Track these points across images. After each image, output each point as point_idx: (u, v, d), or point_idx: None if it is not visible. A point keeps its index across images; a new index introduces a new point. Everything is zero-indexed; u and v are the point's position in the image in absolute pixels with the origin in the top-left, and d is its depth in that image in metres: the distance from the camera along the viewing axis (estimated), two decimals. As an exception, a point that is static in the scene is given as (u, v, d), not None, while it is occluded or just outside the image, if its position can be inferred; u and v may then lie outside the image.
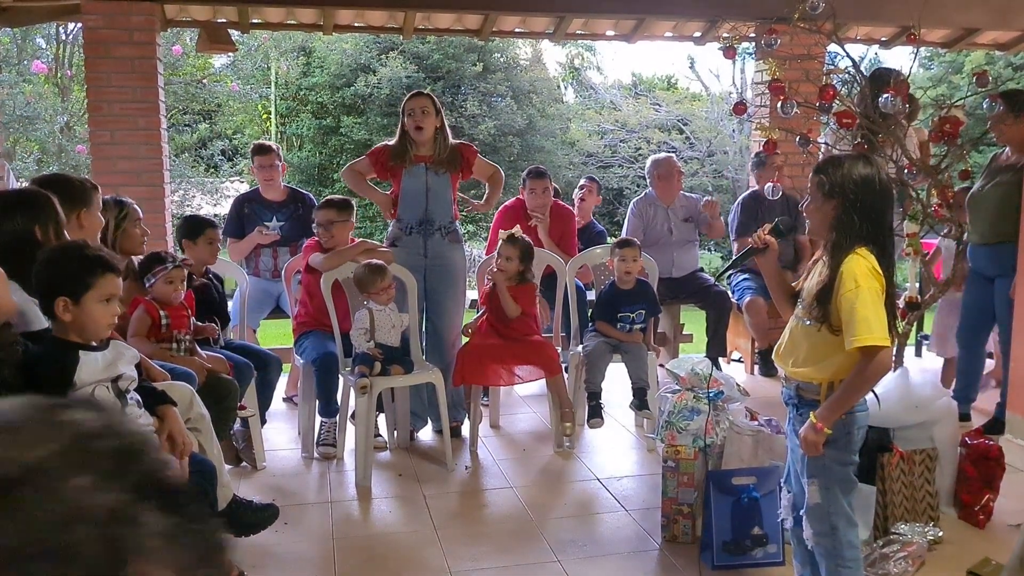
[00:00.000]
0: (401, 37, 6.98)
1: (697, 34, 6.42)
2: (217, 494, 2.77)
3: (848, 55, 3.92)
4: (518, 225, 4.47)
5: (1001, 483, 3.43)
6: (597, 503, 3.69)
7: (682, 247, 5.59)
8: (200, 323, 3.71)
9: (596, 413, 4.15)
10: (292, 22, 6.09)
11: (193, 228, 4.12)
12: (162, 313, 3.44)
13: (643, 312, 4.33)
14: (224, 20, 5.84)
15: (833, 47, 4.20)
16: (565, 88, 22.91)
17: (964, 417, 4.38)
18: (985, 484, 3.39)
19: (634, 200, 5.87)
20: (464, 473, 4.05)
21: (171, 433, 2.53)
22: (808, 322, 2.31)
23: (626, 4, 5.81)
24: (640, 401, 4.18)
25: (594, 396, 4.18)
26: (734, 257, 2.78)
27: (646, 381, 4.19)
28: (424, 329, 4.49)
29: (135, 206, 3.71)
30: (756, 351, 5.76)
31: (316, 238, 4.34)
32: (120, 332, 2.97)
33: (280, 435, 4.52)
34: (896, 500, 3.20)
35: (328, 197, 4.49)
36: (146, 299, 3.44)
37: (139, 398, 2.54)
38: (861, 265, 2.21)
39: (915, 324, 4.99)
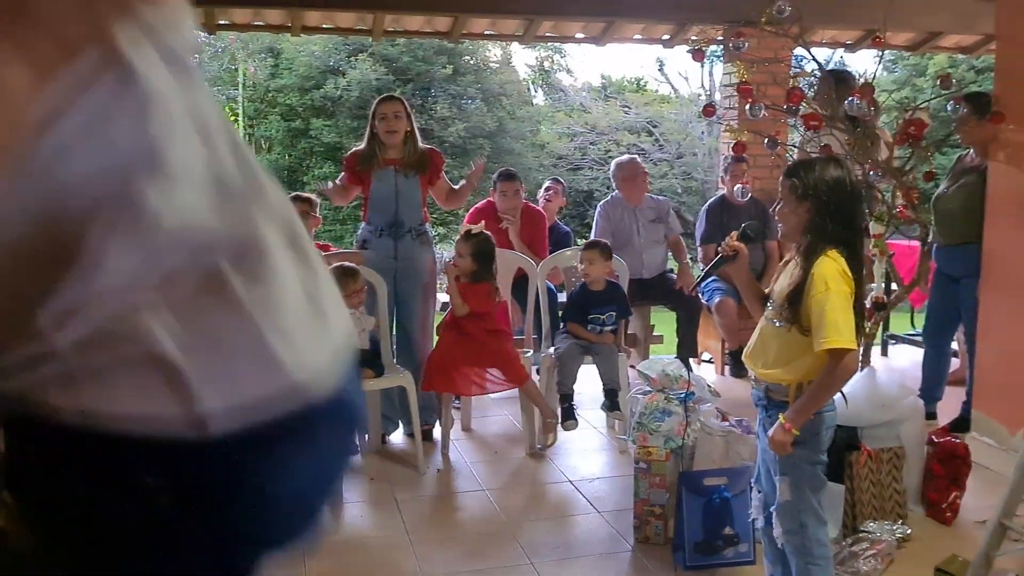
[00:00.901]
0: (370, 39, 6.95)
1: (666, 37, 6.45)
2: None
3: (814, 58, 3.96)
4: (483, 222, 4.46)
5: (967, 481, 3.48)
6: (569, 505, 3.69)
7: (651, 248, 5.61)
8: None
9: (570, 415, 4.15)
10: (259, 23, 6.04)
11: None
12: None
13: (613, 314, 4.34)
14: (190, 21, 5.78)
15: (799, 50, 4.25)
16: (535, 90, 22.94)
17: (930, 416, 4.43)
18: (952, 482, 3.43)
19: (601, 203, 5.89)
20: (436, 476, 4.03)
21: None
22: (778, 323, 2.32)
23: (595, 6, 5.83)
24: (611, 403, 4.18)
25: (567, 398, 4.18)
26: (705, 268, 2.80)
27: (617, 382, 4.20)
28: (394, 332, 4.47)
29: None
30: (726, 352, 5.80)
31: None
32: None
33: (249, 440, 4.47)
34: (864, 498, 3.23)
35: (296, 193, 4.47)
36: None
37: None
38: (832, 267, 2.23)
39: (881, 324, 5.05)
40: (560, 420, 4.20)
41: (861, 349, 3.38)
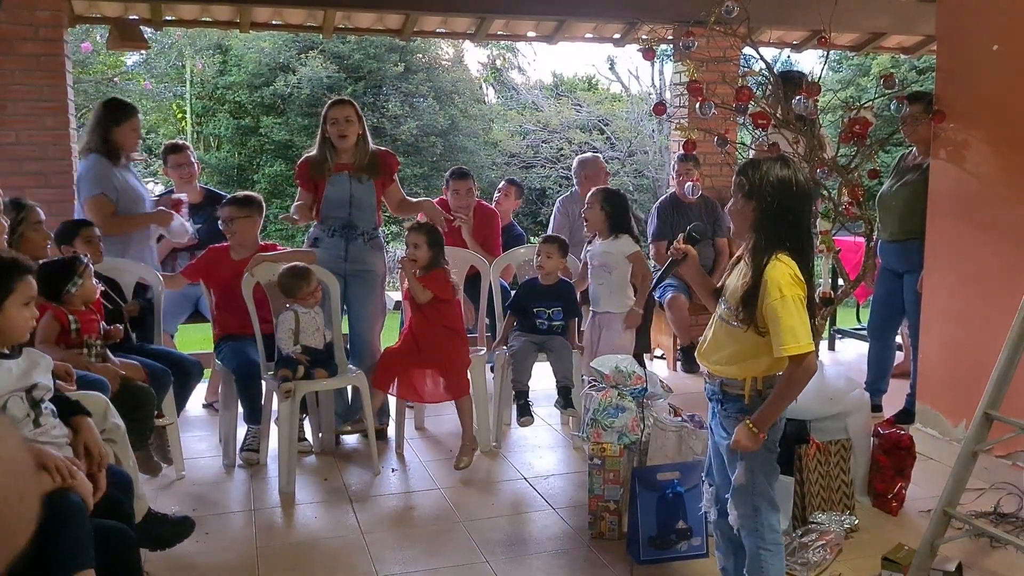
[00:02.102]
0: (321, 36, 6.88)
1: (617, 36, 6.50)
2: (133, 507, 2.69)
3: (762, 58, 4.01)
4: (421, 213, 4.44)
5: (912, 471, 3.56)
6: (524, 502, 3.70)
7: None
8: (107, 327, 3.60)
9: (525, 412, 4.15)
10: (207, 19, 5.95)
11: (67, 230, 3.88)
12: (71, 318, 3.32)
13: (559, 310, 4.34)
14: (136, 17, 5.67)
15: (748, 50, 4.30)
16: (487, 89, 22.92)
17: (876, 408, 4.53)
18: (897, 472, 3.51)
19: (560, 198, 5.91)
20: (391, 476, 4.01)
21: (87, 444, 2.44)
22: (734, 324, 2.34)
23: (547, 5, 5.85)
24: (565, 400, 4.20)
25: (522, 395, 4.18)
26: (658, 273, 2.83)
27: (571, 380, 4.21)
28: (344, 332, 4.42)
29: (37, 208, 3.56)
30: (678, 348, 5.86)
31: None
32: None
33: (200, 442, 4.41)
34: (814, 490, 3.29)
35: (233, 194, 4.41)
36: (53, 304, 3.31)
37: (54, 408, 2.45)
38: (784, 272, 2.25)
39: (828, 319, 5.15)
40: (516, 417, 4.21)
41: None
